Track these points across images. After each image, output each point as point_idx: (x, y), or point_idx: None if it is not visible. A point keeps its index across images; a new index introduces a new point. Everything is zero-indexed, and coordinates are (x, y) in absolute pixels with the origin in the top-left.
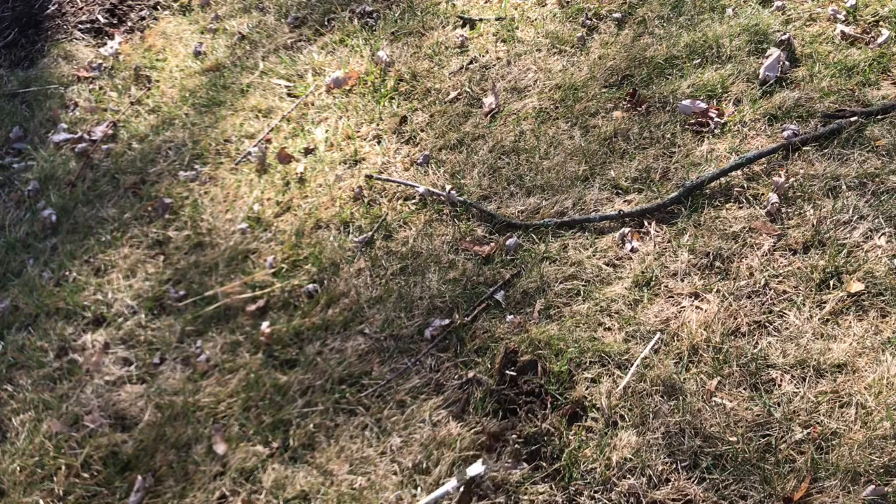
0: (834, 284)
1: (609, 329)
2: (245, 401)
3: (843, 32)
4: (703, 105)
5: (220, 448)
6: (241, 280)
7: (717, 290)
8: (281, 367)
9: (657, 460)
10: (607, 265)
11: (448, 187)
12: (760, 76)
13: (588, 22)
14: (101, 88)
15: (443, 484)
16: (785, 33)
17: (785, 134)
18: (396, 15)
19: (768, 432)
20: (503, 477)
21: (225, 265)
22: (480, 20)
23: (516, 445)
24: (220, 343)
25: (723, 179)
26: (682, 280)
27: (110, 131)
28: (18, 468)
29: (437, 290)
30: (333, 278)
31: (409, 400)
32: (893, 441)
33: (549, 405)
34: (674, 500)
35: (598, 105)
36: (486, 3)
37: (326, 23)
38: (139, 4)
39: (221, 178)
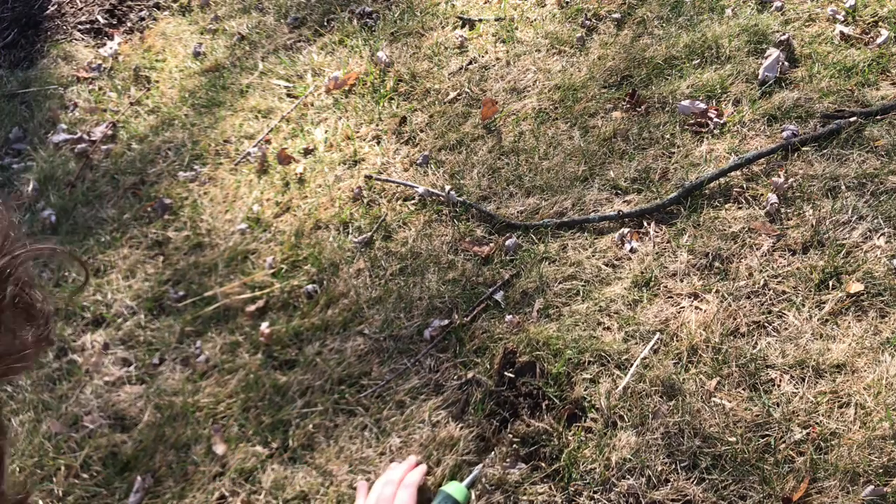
0: (833, 285)
1: (608, 329)
2: (244, 401)
3: (842, 33)
4: (703, 105)
5: (220, 448)
6: (241, 280)
7: (717, 291)
8: (280, 368)
9: (656, 461)
10: (606, 265)
11: (447, 188)
12: (760, 76)
13: (587, 22)
14: (100, 89)
15: None
16: (784, 34)
17: (784, 134)
18: (396, 15)
19: (767, 433)
20: (502, 477)
21: (224, 266)
22: (480, 21)
23: (515, 446)
24: (219, 343)
25: (722, 180)
26: (682, 280)
27: (110, 132)
28: (18, 469)
29: (436, 290)
30: (333, 279)
31: (409, 400)
32: (893, 441)
33: (547, 405)
34: (673, 500)
35: (597, 105)
36: (485, 3)
37: (326, 23)
38: (139, 5)
39: (221, 179)
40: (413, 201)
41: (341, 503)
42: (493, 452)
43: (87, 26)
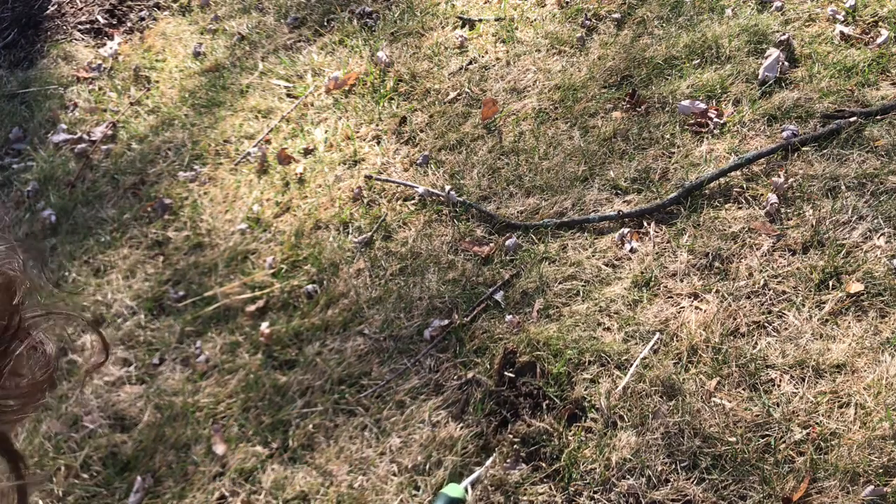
0: (833, 285)
1: (608, 329)
2: (244, 401)
3: (842, 33)
4: (703, 105)
5: (220, 448)
6: (241, 280)
7: (717, 291)
8: (280, 368)
9: (656, 461)
10: (606, 265)
11: (447, 188)
12: (760, 76)
13: (587, 22)
14: (100, 89)
15: None
16: (784, 34)
17: (784, 134)
18: (396, 15)
19: (767, 433)
20: (502, 477)
21: (224, 266)
22: (480, 21)
23: (515, 446)
24: (219, 343)
25: (722, 180)
26: (682, 280)
27: (110, 132)
28: None
29: (436, 290)
30: (333, 279)
31: (409, 400)
32: (892, 441)
33: (548, 405)
34: (673, 500)
35: (597, 105)
36: (485, 3)
37: (326, 23)
38: (139, 5)
39: (221, 179)
40: (413, 201)
41: (341, 503)
42: (494, 454)
43: (87, 26)
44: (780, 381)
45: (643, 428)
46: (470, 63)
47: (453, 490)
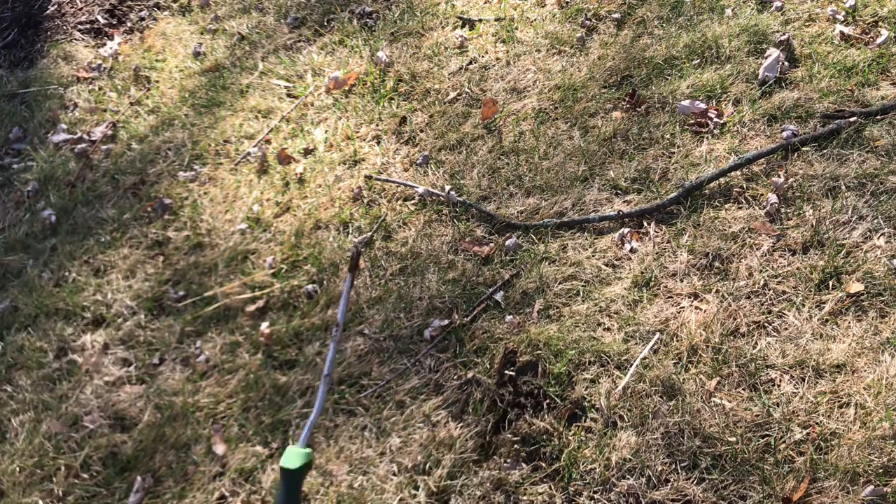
0: (833, 285)
1: (608, 329)
2: (244, 401)
3: (842, 33)
4: (703, 105)
5: (220, 448)
6: (241, 280)
7: (717, 291)
8: (280, 368)
9: (656, 461)
10: (606, 265)
11: (447, 188)
12: (760, 76)
13: (587, 22)
14: (100, 89)
15: None
16: (784, 34)
17: (784, 134)
18: (396, 15)
19: (767, 433)
20: (502, 477)
21: (224, 266)
22: (480, 21)
23: (515, 445)
24: (219, 343)
25: (722, 180)
26: (682, 280)
27: (110, 132)
28: (18, 469)
29: (436, 290)
30: (333, 279)
31: (409, 400)
32: (892, 441)
33: (548, 405)
34: (673, 500)
35: (597, 105)
36: (485, 3)
37: (326, 23)
38: (139, 5)
39: (221, 179)
40: (413, 201)
41: (341, 503)
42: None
43: (87, 26)
44: (780, 381)
45: (643, 428)
46: (470, 63)
47: (291, 459)
